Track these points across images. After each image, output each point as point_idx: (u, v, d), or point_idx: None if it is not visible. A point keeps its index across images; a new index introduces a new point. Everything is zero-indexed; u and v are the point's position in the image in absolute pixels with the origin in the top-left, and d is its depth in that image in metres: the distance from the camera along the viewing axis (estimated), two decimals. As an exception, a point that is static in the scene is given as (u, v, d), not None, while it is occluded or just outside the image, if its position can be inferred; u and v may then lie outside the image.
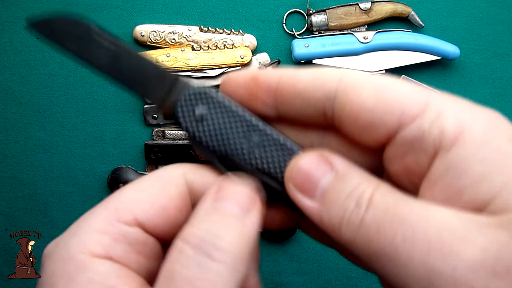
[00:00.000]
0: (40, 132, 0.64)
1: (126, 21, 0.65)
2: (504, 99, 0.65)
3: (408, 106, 0.23)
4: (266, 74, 0.26)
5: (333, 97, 0.24)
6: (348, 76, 0.24)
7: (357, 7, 0.64)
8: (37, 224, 0.63)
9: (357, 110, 0.23)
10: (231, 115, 0.27)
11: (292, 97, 0.26)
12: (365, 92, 0.23)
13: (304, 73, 0.25)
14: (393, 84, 0.23)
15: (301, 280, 0.62)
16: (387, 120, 0.23)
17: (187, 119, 0.27)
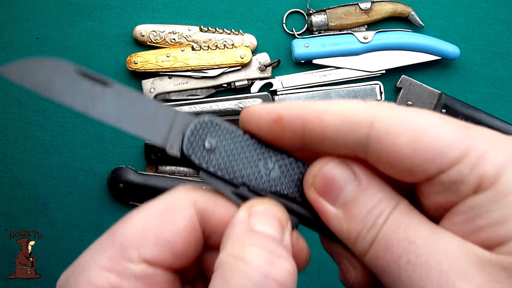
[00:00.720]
0: (40, 132, 0.64)
1: (126, 21, 0.65)
2: (504, 99, 0.65)
3: (448, 154, 0.22)
4: (290, 116, 0.24)
5: (365, 143, 0.23)
6: (380, 120, 0.23)
7: (357, 7, 0.64)
8: (37, 224, 0.63)
9: (394, 158, 0.23)
10: (243, 142, 0.26)
11: (320, 140, 0.24)
12: (401, 140, 0.22)
13: (331, 116, 0.24)
14: (430, 128, 0.22)
15: (301, 280, 0.62)
16: (426, 167, 0.22)
17: (198, 154, 0.25)
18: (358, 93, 0.64)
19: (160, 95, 0.64)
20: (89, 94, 0.26)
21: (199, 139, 0.26)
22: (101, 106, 0.26)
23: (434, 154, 0.22)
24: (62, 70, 0.26)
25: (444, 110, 0.63)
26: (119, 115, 0.26)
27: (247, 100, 0.64)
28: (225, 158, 0.26)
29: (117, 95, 0.26)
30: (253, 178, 0.26)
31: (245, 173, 0.26)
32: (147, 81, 0.63)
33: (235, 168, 0.26)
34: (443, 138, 0.22)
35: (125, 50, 0.64)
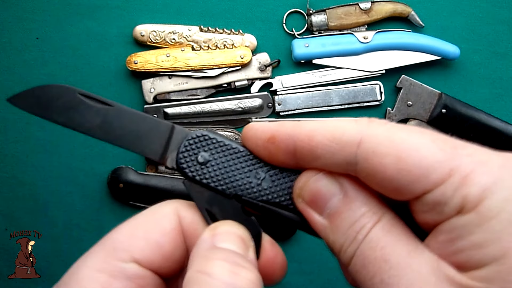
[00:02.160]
0: (40, 132, 0.64)
1: (126, 21, 0.65)
2: (504, 99, 0.65)
3: (432, 175, 0.22)
4: (282, 136, 0.25)
5: (354, 163, 0.24)
6: (367, 139, 0.23)
7: (357, 7, 0.64)
8: (37, 224, 0.63)
9: (380, 178, 0.23)
10: (234, 154, 0.27)
11: (311, 159, 0.25)
12: (386, 161, 0.23)
13: (320, 136, 0.24)
14: (415, 149, 0.23)
15: (301, 280, 0.62)
16: (411, 187, 0.23)
17: (192, 168, 0.27)
18: (358, 93, 0.64)
19: (160, 95, 0.64)
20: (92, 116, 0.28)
21: (193, 153, 0.27)
22: (102, 126, 0.28)
23: (418, 175, 0.22)
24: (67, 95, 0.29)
25: (444, 110, 0.63)
26: (119, 133, 0.28)
27: (247, 100, 0.64)
28: (217, 171, 0.27)
29: (118, 114, 0.29)
30: (245, 188, 0.27)
31: (237, 184, 0.27)
32: (147, 81, 0.63)
33: (227, 179, 0.27)
34: (427, 159, 0.22)
35: (125, 50, 0.64)
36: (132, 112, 0.29)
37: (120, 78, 0.65)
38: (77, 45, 0.65)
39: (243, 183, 0.27)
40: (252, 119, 0.64)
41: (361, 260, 0.23)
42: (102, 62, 0.65)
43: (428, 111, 0.63)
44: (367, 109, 0.65)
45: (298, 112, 0.64)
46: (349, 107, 0.64)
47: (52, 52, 0.65)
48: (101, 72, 0.65)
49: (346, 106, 0.64)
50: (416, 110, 0.63)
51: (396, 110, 0.64)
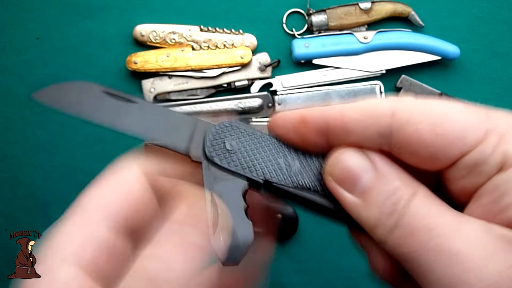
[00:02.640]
0: (40, 132, 0.64)
1: (126, 21, 0.65)
2: (504, 99, 0.65)
3: (469, 136, 0.23)
4: (313, 116, 0.26)
5: (388, 135, 0.24)
6: (400, 110, 0.24)
7: (357, 7, 0.64)
8: (37, 224, 0.63)
9: (416, 146, 0.23)
10: (262, 142, 0.27)
11: (344, 136, 0.25)
12: (421, 127, 0.23)
13: (353, 112, 0.25)
14: (450, 113, 0.23)
15: (301, 280, 0.62)
16: (448, 151, 0.23)
17: (221, 155, 0.27)
18: (358, 93, 0.64)
19: (160, 95, 0.64)
20: (117, 111, 0.29)
21: (220, 141, 0.27)
22: (127, 120, 0.28)
23: (454, 138, 0.23)
24: (91, 91, 0.29)
25: (444, 110, 0.63)
26: (144, 127, 0.28)
27: (247, 100, 0.64)
28: (246, 158, 0.27)
29: (141, 110, 0.29)
30: (275, 174, 0.27)
31: (267, 170, 0.27)
32: (147, 81, 0.63)
33: (257, 166, 0.27)
34: (462, 122, 0.23)
35: (125, 50, 0.64)
36: (156, 106, 0.29)
37: (120, 78, 0.65)
38: (77, 45, 0.65)
39: (273, 169, 0.27)
40: (252, 119, 0.64)
41: (405, 231, 0.22)
42: (102, 62, 0.65)
43: (428, 111, 0.63)
44: (367, 109, 0.65)
45: (298, 112, 0.64)
46: (349, 107, 0.64)
47: (52, 52, 0.65)
48: (101, 72, 0.65)
49: (346, 106, 0.64)
50: (416, 110, 0.63)
51: (396, 110, 0.64)
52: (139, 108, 0.29)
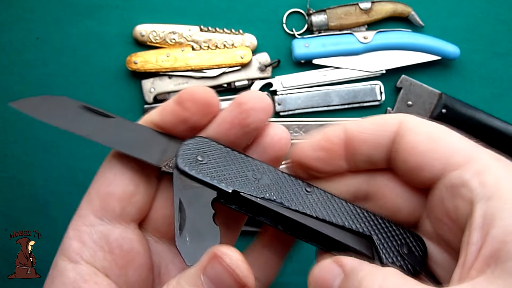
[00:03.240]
0: (40, 132, 0.64)
1: (126, 21, 0.65)
2: (504, 99, 0.65)
3: (454, 156, 0.26)
4: (334, 131, 0.29)
5: (393, 141, 0.28)
6: (406, 121, 0.27)
7: (357, 7, 0.64)
8: (37, 224, 0.63)
9: (409, 152, 0.27)
10: (232, 155, 0.29)
11: (360, 145, 0.28)
12: (419, 137, 0.27)
13: (367, 122, 0.29)
14: (445, 135, 0.27)
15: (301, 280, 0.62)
16: (433, 164, 0.26)
17: (192, 165, 0.28)
18: (358, 93, 0.64)
19: (160, 95, 0.64)
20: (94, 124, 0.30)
21: (192, 154, 0.29)
22: (104, 133, 0.30)
23: (441, 154, 0.26)
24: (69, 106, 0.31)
25: (444, 110, 0.63)
26: (120, 140, 0.30)
27: (247, 100, 0.64)
28: (216, 169, 0.29)
29: (118, 125, 0.30)
30: (244, 185, 0.28)
31: (236, 181, 0.28)
32: (147, 81, 0.63)
33: (226, 177, 0.28)
34: (452, 144, 0.26)
35: (125, 50, 0.64)
36: (132, 123, 0.30)
37: (120, 78, 0.65)
38: (77, 45, 0.65)
39: (241, 181, 0.28)
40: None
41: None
42: (102, 62, 0.65)
43: (428, 111, 0.63)
44: (367, 109, 0.65)
45: (298, 112, 0.64)
46: (349, 107, 0.64)
47: (52, 52, 0.64)
48: (101, 72, 0.65)
49: (346, 106, 0.64)
50: (416, 110, 0.63)
51: (396, 110, 0.64)
52: (116, 123, 0.30)
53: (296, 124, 0.64)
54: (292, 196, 0.29)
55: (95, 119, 0.30)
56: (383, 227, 0.28)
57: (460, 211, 0.25)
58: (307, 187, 0.29)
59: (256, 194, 0.28)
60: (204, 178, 0.28)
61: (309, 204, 0.29)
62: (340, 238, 0.28)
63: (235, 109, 0.30)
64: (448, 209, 0.26)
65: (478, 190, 0.24)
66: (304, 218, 0.28)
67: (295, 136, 0.64)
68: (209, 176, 0.28)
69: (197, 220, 0.27)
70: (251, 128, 0.29)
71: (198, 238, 0.27)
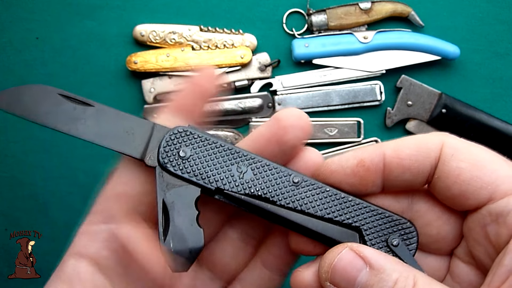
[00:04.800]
0: (40, 132, 0.64)
1: (126, 21, 0.64)
2: (504, 99, 0.65)
3: (500, 184, 0.25)
4: (371, 156, 0.27)
5: (435, 167, 0.26)
6: (447, 145, 0.26)
7: (357, 7, 0.64)
8: (37, 224, 0.63)
9: (453, 180, 0.25)
10: (216, 149, 0.28)
11: (400, 173, 0.27)
12: (463, 165, 0.25)
13: (407, 148, 0.26)
14: (490, 161, 0.25)
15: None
16: (479, 193, 0.25)
17: (174, 162, 0.27)
18: (358, 93, 0.64)
19: (160, 95, 0.64)
20: (72, 114, 0.29)
21: (174, 148, 0.28)
22: (83, 125, 0.29)
23: (488, 183, 0.25)
24: (47, 94, 0.29)
25: (444, 110, 0.63)
26: (100, 132, 0.29)
27: (247, 100, 0.64)
28: (199, 165, 0.28)
29: (98, 113, 0.29)
30: (227, 181, 0.27)
31: (219, 177, 0.27)
32: (147, 81, 0.63)
33: (209, 173, 0.27)
34: (499, 171, 0.25)
35: (125, 50, 0.64)
36: (113, 111, 0.29)
37: (120, 78, 0.65)
38: (77, 45, 0.65)
39: (225, 176, 0.27)
40: (252, 119, 0.64)
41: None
42: (102, 62, 0.65)
43: (428, 111, 0.63)
44: (367, 109, 0.65)
45: (298, 112, 0.64)
46: (349, 107, 0.64)
47: (52, 52, 0.64)
48: (101, 72, 0.64)
49: (346, 106, 0.64)
50: (416, 110, 0.63)
51: (396, 110, 0.64)
52: (96, 112, 0.29)
53: (296, 124, 0.64)
54: (278, 189, 0.28)
55: (74, 109, 0.29)
56: (373, 218, 0.28)
57: (502, 238, 0.24)
58: (294, 177, 0.28)
59: (240, 190, 0.27)
60: (186, 176, 0.27)
61: (296, 197, 0.28)
62: (328, 232, 0.27)
63: (274, 125, 0.28)
64: (489, 234, 0.25)
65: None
66: (290, 214, 0.28)
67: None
68: (192, 173, 0.27)
69: (181, 223, 0.27)
70: (288, 146, 0.28)
71: (181, 242, 0.26)
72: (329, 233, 0.27)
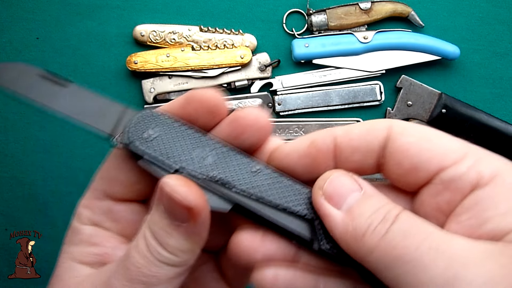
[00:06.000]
0: (40, 132, 0.64)
1: (126, 21, 0.65)
2: (504, 99, 0.65)
3: (449, 153, 0.25)
4: (322, 137, 0.28)
5: (384, 146, 0.27)
6: (396, 125, 0.27)
7: (357, 7, 0.64)
8: (37, 224, 0.63)
9: (403, 154, 0.26)
10: (180, 132, 0.29)
11: (350, 153, 0.27)
12: (411, 139, 0.26)
13: (356, 129, 0.27)
14: (436, 134, 0.26)
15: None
16: (428, 164, 0.26)
17: (138, 143, 0.29)
18: (358, 93, 0.64)
19: (160, 95, 0.64)
20: (49, 93, 0.31)
21: (141, 130, 0.29)
22: (58, 102, 0.31)
23: (436, 153, 0.26)
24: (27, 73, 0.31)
25: (444, 110, 0.63)
26: (74, 110, 0.31)
27: (247, 100, 0.64)
28: (163, 146, 0.29)
29: (73, 94, 0.31)
30: (190, 163, 0.28)
31: (183, 158, 0.28)
32: (147, 81, 0.63)
33: (173, 154, 0.28)
34: (446, 143, 0.26)
35: (125, 50, 0.64)
36: (87, 92, 0.31)
37: (120, 78, 0.65)
38: (77, 45, 0.65)
39: (185, 159, 0.28)
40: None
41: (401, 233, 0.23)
42: (102, 62, 0.65)
43: (428, 111, 0.63)
44: (367, 109, 0.65)
45: (298, 112, 0.64)
46: (349, 107, 0.64)
47: (52, 52, 0.64)
48: (101, 72, 0.65)
49: (346, 106, 0.64)
50: (416, 110, 0.64)
51: (396, 110, 0.64)
52: (71, 92, 0.31)
53: (296, 124, 0.64)
54: (236, 176, 0.28)
55: (50, 88, 0.31)
56: None
57: (455, 204, 0.25)
58: (254, 166, 0.28)
59: (201, 172, 0.28)
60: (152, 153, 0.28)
61: (253, 184, 0.28)
62: (281, 222, 0.28)
63: (232, 123, 0.29)
64: (441, 204, 0.26)
65: (475, 181, 0.24)
66: (246, 201, 0.28)
67: (294, 136, 0.64)
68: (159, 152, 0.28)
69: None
70: (245, 145, 0.29)
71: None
72: (282, 222, 0.28)
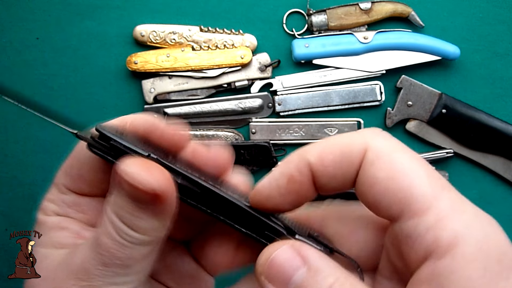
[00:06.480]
0: (40, 132, 0.64)
1: (126, 21, 0.65)
2: (504, 99, 0.65)
3: (412, 204, 0.23)
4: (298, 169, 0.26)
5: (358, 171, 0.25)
6: (372, 148, 0.25)
7: (357, 7, 0.64)
8: (37, 224, 0.63)
9: (368, 189, 0.24)
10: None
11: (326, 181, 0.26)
12: (379, 175, 0.24)
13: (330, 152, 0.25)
14: (408, 174, 0.24)
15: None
16: (390, 208, 0.24)
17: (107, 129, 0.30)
18: (358, 93, 0.64)
19: (160, 95, 0.64)
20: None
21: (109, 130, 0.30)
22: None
23: (399, 199, 0.23)
24: None
25: (444, 110, 0.63)
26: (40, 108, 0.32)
27: (247, 100, 0.64)
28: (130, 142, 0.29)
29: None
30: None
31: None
32: (147, 81, 0.63)
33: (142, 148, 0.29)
34: (414, 188, 0.23)
35: (125, 50, 0.64)
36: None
37: (120, 78, 0.65)
38: (77, 45, 0.65)
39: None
40: (252, 119, 0.64)
41: None
42: (102, 62, 0.65)
43: (428, 111, 0.63)
44: (367, 109, 0.65)
45: (298, 112, 0.64)
46: (349, 107, 0.64)
47: (52, 52, 0.64)
48: (101, 72, 0.65)
49: (346, 106, 0.64)
50: (416, 110, 0.64)
51: (396, 110, 0.64)
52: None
53: (296, 124, 0.64)
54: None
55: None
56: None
57: (413, 263, 0.23)
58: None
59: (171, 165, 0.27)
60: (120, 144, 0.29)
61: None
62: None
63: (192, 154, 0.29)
64: (403, 254, 0.24)
65: (432, 247, 0.22)
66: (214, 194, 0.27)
67: (295, 137, 0.64)
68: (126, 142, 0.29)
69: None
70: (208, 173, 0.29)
71: None
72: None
